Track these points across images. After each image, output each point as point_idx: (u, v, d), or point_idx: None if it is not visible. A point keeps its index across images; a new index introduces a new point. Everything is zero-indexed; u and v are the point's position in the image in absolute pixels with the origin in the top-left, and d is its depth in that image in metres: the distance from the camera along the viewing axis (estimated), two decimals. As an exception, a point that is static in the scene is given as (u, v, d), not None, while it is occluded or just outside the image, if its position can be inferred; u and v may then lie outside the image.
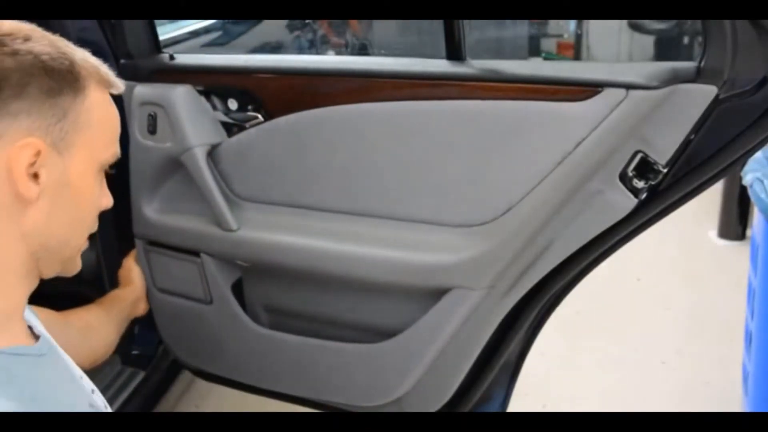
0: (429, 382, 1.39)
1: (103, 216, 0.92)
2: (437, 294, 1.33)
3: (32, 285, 0.83)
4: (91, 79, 0.83)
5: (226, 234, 1.44)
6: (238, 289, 1.56)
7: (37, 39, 0.80)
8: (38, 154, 0.77)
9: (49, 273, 0.85)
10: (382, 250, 1.33)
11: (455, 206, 1.29)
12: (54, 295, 1.04)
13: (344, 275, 1.38)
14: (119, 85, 0.88)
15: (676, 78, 1.13)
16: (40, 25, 1.31)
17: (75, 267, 0.89)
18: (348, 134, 1.35)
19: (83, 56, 0.84)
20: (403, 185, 1.33)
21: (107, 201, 0.91)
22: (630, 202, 1.19)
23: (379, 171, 1.34)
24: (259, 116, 1.44)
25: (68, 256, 0.86)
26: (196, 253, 1.52)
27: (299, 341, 1.48)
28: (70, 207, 0.82)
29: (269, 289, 1.55)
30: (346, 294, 1.44)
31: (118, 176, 1.01)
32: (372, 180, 1.35)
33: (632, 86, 1.13)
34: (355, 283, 1.38)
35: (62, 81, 0.79)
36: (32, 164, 0.77)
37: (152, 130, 1.46)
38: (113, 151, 0.87)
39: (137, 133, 1.49)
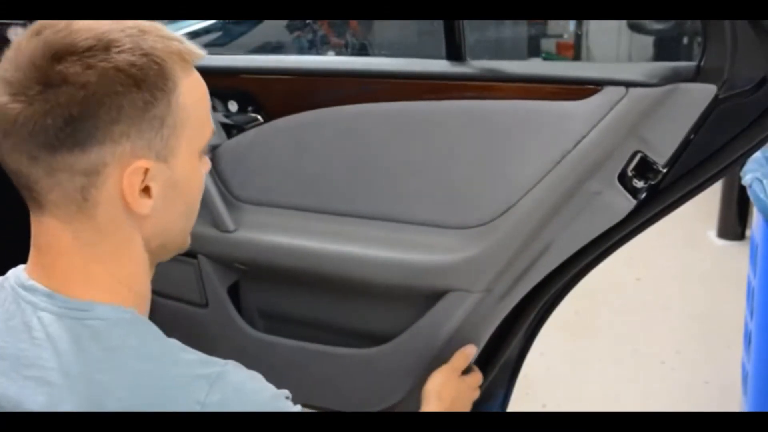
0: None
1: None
2: (434, 297, 1.32)
3: (151, 275, 0.85)
4: (177, 66, 0.76)
5: (224, 235, 1.44)
6: (234, 293, 1.56)
7: (119, 44, 0.72)
8: (146, 172, 0.75)
9: (167, 258, 0.86)
10: (380, 252, 1.33)
11: (453, 207, 1.29)
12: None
13: (341, 276, 1.37)
14: (201, 53, 0.80)
15: (675, 77, 1.13)
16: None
17: (187, 245, 0.88)
18: (347, 136, 1.35)
19: (163, 41, 0.76)
20: (401, 186, 1.33)
21: (206, 168, 0.86)
22: (628, 203, 1.19)
23: (378, 172, 1.34)
24: (259, 118, 1.44)
25: (183, 241, 0.87)
26: (192, 255, 1.52)
27: (295, 346, 1.47)
28: (181, 201, 0.81)
29: (266, 292, 1.54)
30: (343, 297, 1.43)
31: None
32: (371, 181, 1.35)
33: (632, 84, 1.13)
34: (351, 284, 1.38)
35: (154, 89, 0.73)
36: (142, 182, 0.75)
37: None
38: (210, 130, 0.83)
39: (137, 133, 1.49)
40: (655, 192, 1.19)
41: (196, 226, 1.54)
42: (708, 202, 3.41)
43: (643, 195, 1.19)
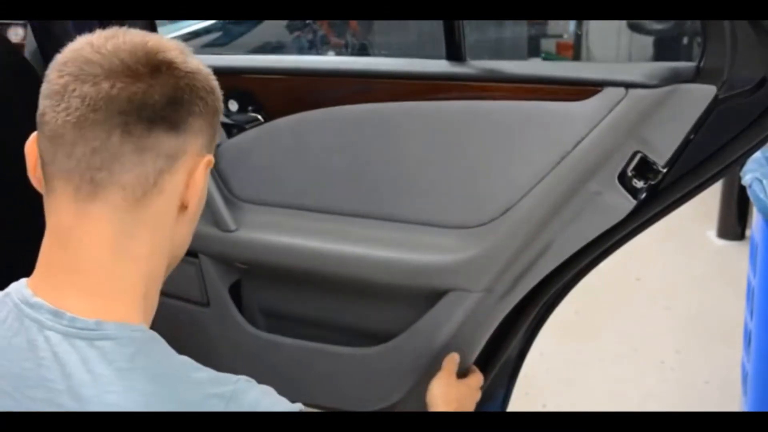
0: (425, 388, 1.39)
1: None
2: (434, 297, 1.32)
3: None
4: None
5: (225, 234, 1.44)
6: (235, 292, 1.56)
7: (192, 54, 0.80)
8: (207, 166, 0.80)
9: (166, 276, 0.85)
10: (381, 251, 1.33)
11: (454, 207, 1.29)
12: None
13: (342, 276, 1.37)
14: None
15: (675, 78, 1.13)
16: (40, 25, 1.31)
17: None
18: (347, 135, 1.35)
19: None
20: (402, 186, 1.33)
21: None
22: (628, 204, 1.19)
23: (379, 172, 1.34)
24: (260, 117, 1.44)
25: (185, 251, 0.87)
26: (194, 254, 1.52)
27: (296, 345, 1.48)
28: (196, 215, 0.85)
29: (267, 291, 1.54)
30: (344, 297, 1.44)
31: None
32: (371, 181, 1.35)
33: (632, 85, 1.14)
34: (352, 284, 1.38)
35: (217, 99, 0.81)
36: (203, 174, 0.80)
37: None
38: None
39: (137, 133, 1.49)
40: (655, 192, 1.19)
41: (198, 225, 1.55)
42: (708, 202, 3.41)
43: (643, 195, 1.19)
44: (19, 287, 0.77)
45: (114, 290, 0.76)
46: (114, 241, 0.75)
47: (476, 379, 1.33)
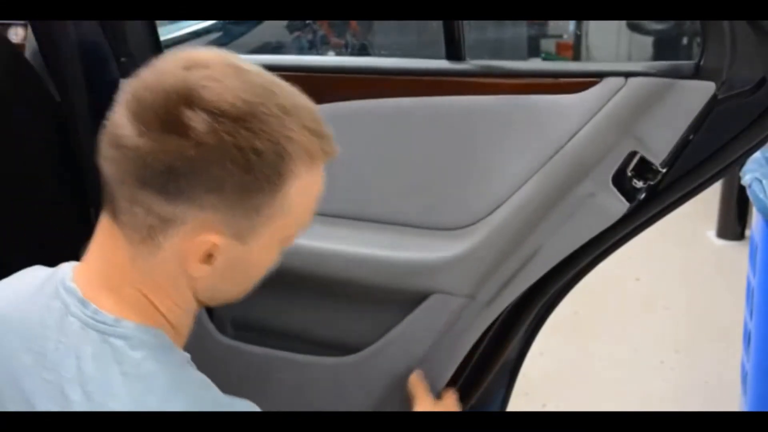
0: (400, 396, 1.34)
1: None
2: (416, 301, 1.28)
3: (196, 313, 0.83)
4: (301, 162, 0.73)
5: None
6: None
7: (253, 121, 0.69)
8: (215, 246, 0.73)
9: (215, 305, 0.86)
10: (362, 249, 1.29)
11: (440, 207, 1.27)
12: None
13: (320, 275, 1.32)
14: (335, 152, 0.77)
15: (675, 75, 1.13)
16: (40, 25, 1.31)
17: (240, 297, 0.84)
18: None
19: (300, 131, 0.73)
20: (387, 186, 1.30)
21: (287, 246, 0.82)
22: (622, 206, 1.17)
23: (364, 171, 1.31)
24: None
25: (235, 298, 0.83)
26: None
27: (265, 354, 1.41)
28: (243, 276, 0.80)
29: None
30: (321, 298, 1.38)
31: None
32: (356, 181, 1.31)
33: (631, 74, 1.13)
34: (331, 284, 1.33)
35: (263, 178, 0.71)
36: (206, 251, 0.73)
37: None
38: (307, 222, 0.79)
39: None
40: (655, 192, 1.18)
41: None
42: (708, 202, 3.41)
43: (642, 195, 1.18)
44: (66, 269, 0.80)
45: (131, 304, 0.76)
46: (128, 265, 0.76)
47: (452, 400, 1.28)
